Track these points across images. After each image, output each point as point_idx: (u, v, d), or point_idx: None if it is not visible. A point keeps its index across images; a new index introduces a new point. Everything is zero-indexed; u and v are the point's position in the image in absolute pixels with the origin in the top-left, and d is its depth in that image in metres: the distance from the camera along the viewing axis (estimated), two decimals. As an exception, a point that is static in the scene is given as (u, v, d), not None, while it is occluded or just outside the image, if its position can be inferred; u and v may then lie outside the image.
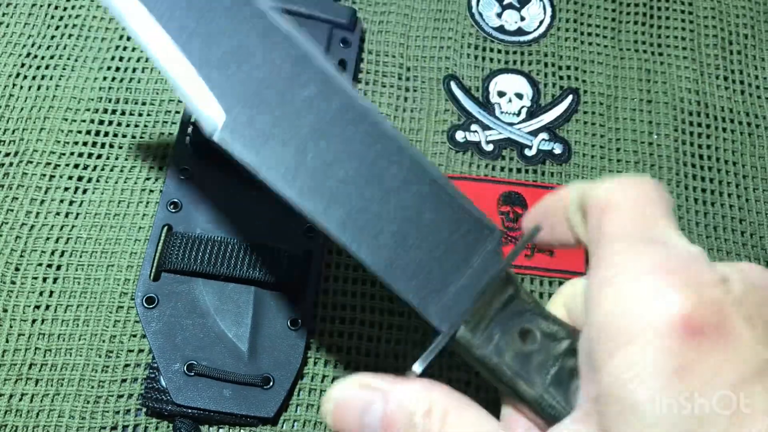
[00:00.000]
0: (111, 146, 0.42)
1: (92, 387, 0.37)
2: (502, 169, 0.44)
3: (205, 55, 0.25)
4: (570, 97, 0.46)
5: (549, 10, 0.49)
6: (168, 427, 0.36)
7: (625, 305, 0.19)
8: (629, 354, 0.19)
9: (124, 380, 0.37)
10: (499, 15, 0.49)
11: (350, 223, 0.24)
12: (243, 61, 0.25)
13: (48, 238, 0.40)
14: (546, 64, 0.47)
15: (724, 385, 0.18)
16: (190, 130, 0.41)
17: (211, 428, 0.36)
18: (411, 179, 0.25)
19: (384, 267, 0.24)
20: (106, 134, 0.43)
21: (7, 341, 0.37)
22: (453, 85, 0.46)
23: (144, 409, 0.36)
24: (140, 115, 0.44)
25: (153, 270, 0.38)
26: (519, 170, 0.44)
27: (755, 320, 0.19)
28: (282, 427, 0.36)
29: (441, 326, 0.24)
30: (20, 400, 0.36)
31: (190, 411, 0.35)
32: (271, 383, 0.36)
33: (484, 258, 0.25)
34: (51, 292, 0.39)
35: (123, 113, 0.44)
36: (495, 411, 0.23)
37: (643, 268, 0.20)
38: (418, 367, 0.24)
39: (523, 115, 0.45)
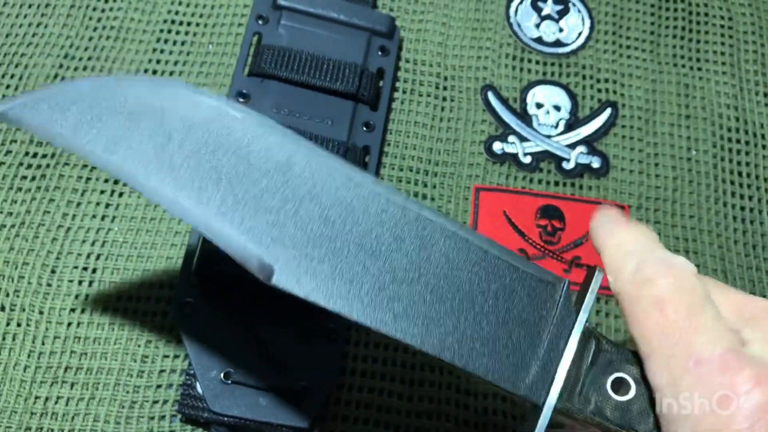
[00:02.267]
0: (148, 150, 0.43)
1: (127, 392, 0.37)
2: (540, 181, 0.43)
3: (227, 203, 0.24)
4: (608, 111, 0.46)
5: (588, 21, 0.49)
6: (203, 434, 0.36)
7: None
8: None
9: (159, 386, 0.37)
10: (538, 26, 0.48)
11: (426, 327, 0.24)
12: (264, 197, 0.25)
13: (84, 241, 0.40)
14: (584, 77, 0.47)
15: None
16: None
17: (246, 437, 0.36)
18: (459, 255, 0.25)
19: (464, 357, 0.24)
20: (143, 137, 0.43)
21: (42, 344, 0.37)
22: (490, 96, 0.46)
23: (179, 416, 0.36)
24: (177, 119, 0.44)
25: (191, 275, 0.38)
26: (557, 183, 0.43)
27: None
28: (317, 437, 0.36)
29: (540, 400, 0.24)
30: (56, 403, 0.36)
31: (225, 419, 0.35)
32: (308, 393, 0.36)
33: (560, 313, 0.25)
34: (87, 295, 0.39)
35: (160, 117, 0.44)
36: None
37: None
38: None
39: (561, 128, 0.45)
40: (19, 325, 0.38)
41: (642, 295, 0.24)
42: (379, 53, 0.45)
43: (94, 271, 0.39)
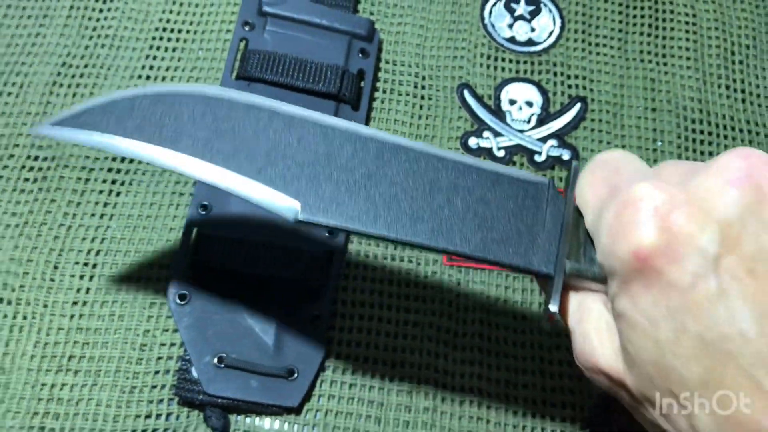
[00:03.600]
0: (142, 151, 0.45)
1: (127, 378, 0.39)
2: (513, 174, 0.46)
3: (254, 165, 0.29)
4: (578, 105, 0.48)
5: (559, 21, 0.51)
6: (198, 415, 0.38)
7: None
8: None
9: (157, 372, 0.39)
10: (511, 26, 0.51)
11: (437, 232, 0.29)
12: (285, 155, 0.29)
13: (84, 238, 0.42)
14: (555, 74, 0.50)
15: None
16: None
17: (239, 417, 0.38)
18: (459, 176, 0.30)
19: (481, 249, 0.29)
20: (138, 140, 0.45)
21: (47, 334, 0.40)
22: (466, 94, 0.48)
23: (176, 399, 0.39)
24: (170, 121, 0.46)
25: (184, 268, 0.40)
26: (529, 175, 0.46)
27: None
28: (305, 416, 0.39)
29: (551, 270, 0.28)
30: (61, 389, 0.39)
31: (219, 400, 0.38)
32: (296, 375, 0.38)
33: (550, 204, 0.30)
34: (87, 289, 0.41)
35: (153, 120, 0.46)
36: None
37: None
38: (553, 307, 0.28)
39: (533, 123, 0.47)
40: (25, 318, 0.40)
41: (584, 175, 0.29)
42: (360, 55, 0.47)
43: (94, 266, 0.42)
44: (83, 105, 0.30)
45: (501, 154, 0.46)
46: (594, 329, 0.27)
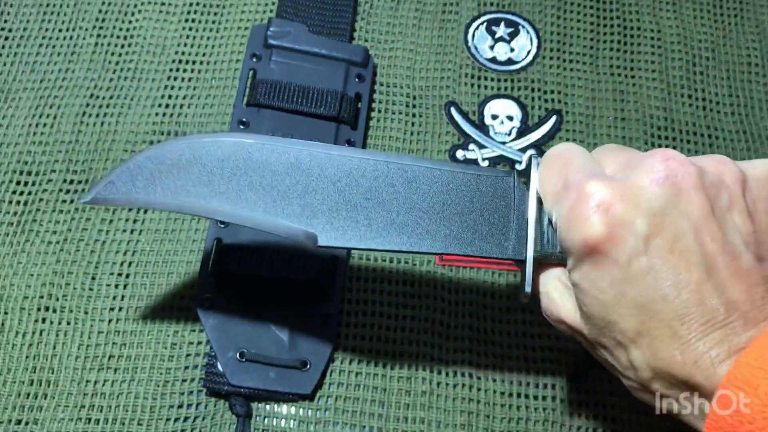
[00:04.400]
0: (165, 172, 0.50)
1: (161, 373, 0.44)
2: (497, 181, 0.51)
3: (277, 206, 0.34)
4: (554, 118, 0.53)
5: (535, 41, 0.57)
6: (224, 404, 0.43)
7: None
8: None
9: (186, 367, 0.44)
10: (492, 47, 0.56)
11: (431, 238, 0.34)
12: (299, 192, 0.34)
13: (117, 251, 0.47)
14: (533, 89, 0.55)
15: None
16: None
17: (260, 404, 0.43)
18: (440, 182, 0.35)
19: (462, 246, 0.34)
20: (161, 162, 0.51)
21: (89, 338, 0.45)
22: (453, 110, 0.53)
23: (204, 390, 0.43)
24: (188, 144, 0.51)
25: (208, 275, 0.46)
26: (511, 182, 0.51)
27: None
28: (318, 401, 0.44)
29: (523, 257, 0.34)
30: (103, 385, 0.43)
31: (242, 390, 0.43)
32: (308, 366, 0.43)
33: (517, 194, 0.35)
34: (122, 297, 0.46)
35: (174, 144, 0.51)
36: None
37: None
38: (527, 289, 0.35)
39: (513, 135, 0.53)
40: (68, 323, 0.45)
41: (541, 169, 0.35)
42: (356, 80, 0.52)
43: (127, 276, 0.46)
44: (116, 172, 0.35)
45: (485, 164, 0.51)
46: (557, 292, 0.34)
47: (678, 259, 0.29)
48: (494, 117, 0.53)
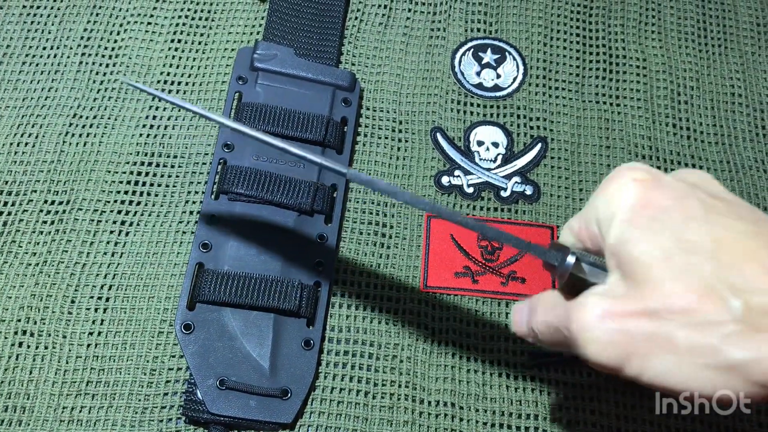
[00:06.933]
0: (148, 194, 0.50)
1: (139, 400, 0.44)
2: (481, 208, 0.51)
3: None
4: (539, 145, 0.54)
5: (522, 68, 0.57)
6: (204, 432, 0.43)
7: None
8: None
9: (165, 394, 0.44)
10: (478, 73, 0.56)
11: None
12: None
13: (98, 275, 0.47)
14: (519, 116, 0.55)
15: None
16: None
17: (239, 433, 0.43)
18: None
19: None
20: (144, 183, 0.50)
21: (67, 362, 0.44)
22: (439, 136, 0.53)
23: (183, 418, 0.43)
24: (172, 166, 0.51)
25: (188, 301, 0.45)
26: (496, 209, 0.51)
27: None
28: (298, 431, 0.44)
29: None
30: (80, 411, 0.43)
31: (222, 418, 0.42)
32: (289, 395, 0.43)
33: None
34: (102, 321, 0.46)
35: (157, 165, 0.51)
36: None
37: None
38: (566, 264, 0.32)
39: (498, 161, 0.53)
40: (46, 347, 0.44)
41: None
42: (343, 104, 0.52)
43: (107, 300, 0.46)
44: None
45: (470, 190, 0.51)
46: None
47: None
48: (480, 143, 0.53)
